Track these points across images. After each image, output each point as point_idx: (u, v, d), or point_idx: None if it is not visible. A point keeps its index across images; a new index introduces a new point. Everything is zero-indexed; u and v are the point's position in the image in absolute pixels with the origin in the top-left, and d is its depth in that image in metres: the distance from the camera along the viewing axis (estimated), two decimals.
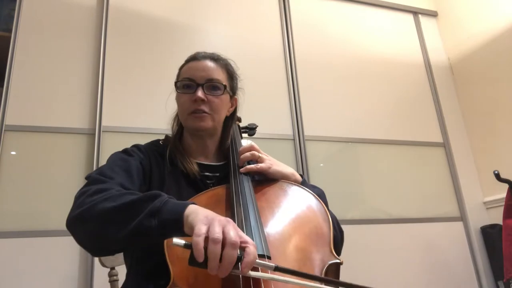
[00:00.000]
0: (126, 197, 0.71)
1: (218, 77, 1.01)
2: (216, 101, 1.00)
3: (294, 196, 0.91)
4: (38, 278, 1.69)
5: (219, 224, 0.58)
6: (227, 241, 0.56)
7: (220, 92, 1.01)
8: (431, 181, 2.56)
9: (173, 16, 2.35)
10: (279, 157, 1.05)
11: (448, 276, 2.33)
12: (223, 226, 0.58)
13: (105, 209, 0.69)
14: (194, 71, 1.01)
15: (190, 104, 0.99)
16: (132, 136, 2.03)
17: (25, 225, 1.77)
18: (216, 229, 0.57)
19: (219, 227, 0.58)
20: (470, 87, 2.80)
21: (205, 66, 1.01)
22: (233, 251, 0.56)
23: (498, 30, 2.60)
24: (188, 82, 1.00)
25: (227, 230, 0.58)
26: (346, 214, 2.28)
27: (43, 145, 1.91)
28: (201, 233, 0.56)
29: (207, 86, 0.99)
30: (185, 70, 1.04)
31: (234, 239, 0.56)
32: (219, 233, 0.56)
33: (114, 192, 0.74)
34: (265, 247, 0.70)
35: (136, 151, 0.99)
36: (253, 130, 1.26)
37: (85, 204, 0.73)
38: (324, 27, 2.71)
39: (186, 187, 0.96)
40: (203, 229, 0.57)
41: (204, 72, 1.00)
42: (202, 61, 1.02)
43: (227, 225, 0.59)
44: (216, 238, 0.56)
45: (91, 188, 0.77)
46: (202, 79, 0.99)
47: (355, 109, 2.56)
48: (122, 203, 0.69)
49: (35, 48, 2.04)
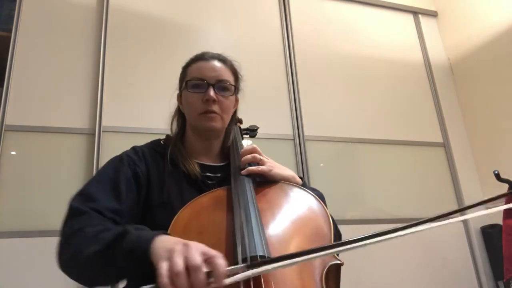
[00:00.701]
0: (100, 241, 0.72)
1: (228, 78, 1.02)
2: (226, 102, 1.00)
3: (294, 197, 0.91)
4: (38, 278, 1.69)
5: (179, 254, 0.58)
6: (189, 267, 0.57)
7: (230, 93, 1.01)
8: (431, 181, 2.56)
9: (173, 16, 2.35)
10: (279, 157, 1.05)
11: (448, 276, 2.33)
12: (183, 253, 0.59)
13: (84, 258, 0.72)
14: (204, 70, 1.00)
15: (201, 104, 0.98)
16: (132, 136, 2.03)
17: (25, 225, 1.77)
18: (176, 260, 0.57)
19: (179, 256, 0.58)
20: (470, 87, 2.80)
21: (214, 66, 1.01)
22: (198, 274, 0.56)
23: (498, 30, 2.60)
24: (199, 82, 0.99)
25: (188, 255, 0.58)
26: (346, 214, 2.28)
27: (43, 145, 1.91)
28: (163, 273, 0.57)
29: (218, 86, 0.99)
30: (193, 70, 1.02)
31: (194, 263, 0.56)
32: (180, 263, 0.57)
33: (89, 233, 0.75)
34: (266, 248, 0.70)
35: (132, 156, 0.97)
36: (254, 132, 1.27)
37: (68, 250, 0.77)
38: (324, 27, 2.71)
39: (188, 188, 0.96)
40: (164, 266, 0.57)
41: (214, 72, 1.00)
42: (211, 61, 1.02)
43: (188, 249, 0.59)
44: (177, 271, 0.56)
45: (72, 225, 0.79)
46: (212, 79, 0.99)
47: (355, 109, 2.56)
48: (97, 250, 0.71)
49: (35, 48, 2.03)
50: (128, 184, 0.91)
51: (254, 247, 0.69)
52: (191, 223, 0.82)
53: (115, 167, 0.93)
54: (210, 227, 0.81)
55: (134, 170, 0.94)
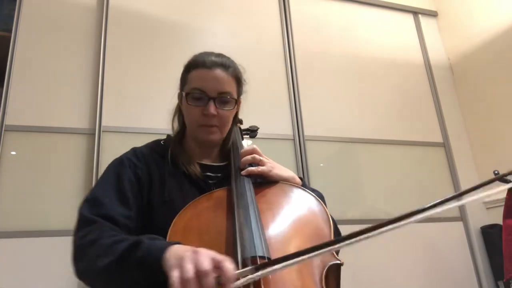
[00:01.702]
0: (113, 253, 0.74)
1: (230, 90, 0.98)
2: (226, 114, 0.99)
3: (294, 197, 0.91)
4: (38, 278, 1.69)
5: (189, 260, 0.60)
6: (199, 273, 0.59)
7: (231, 107, 0.99)
8: (431, 181, 2.56)
9: (173, 16, 2.35)
10: (279, 157, 1.06)
11: (448, 276, 2.33)
12: (193, 259, 0.60)
13: (99, 269, 0.74)
14: (205, 82, 0.96)
15: (200, 117, 0.97)
16: (132, 136, 2.03)
17: (25, 225, 1.77)
18: (186, 267, 0.59)
19: (189, 263, 0.60)
20: (470, 87, 2.80)
21: (216, 77, 0.97)
22: (207, 279, 0.58)
23: (498, 30, 2.60)
24: (200, 95, 0.97)
25: (197, 262, 0.60)
26: (346, 214, 2.28)
27: (43, 145, 1.91)
28: (175, 280, 0.59)
29: (219, 100, 0.97)
30: (194, 79, 0.98)
31: (204, 268, 0.58)
32: (190, 270, 0.59)
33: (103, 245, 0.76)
34: (266, 248, 0.70)
35: (132, 159, 0.97)
36: (254, 132, 1.27)
37: (82, 261, 0.79)
38: (324, 27, 2.71)
39: (189, 187, 0.96)
40: (176, 274, 0.59)
41: (216, 84, 0.96)
42: (213, 70, 0.97)
43: (197, 256, 0.61)
44: (188, 278, 0.58)
45: (84, 236, 0.80)
46: (213, 92, 0.96)
47: (355, 109, 2.56)
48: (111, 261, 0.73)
49: (35, 48, 2.03)
50: (132, 187, 0.92)
51: (254, 247, 0.69)
52: (191, 224, 0.82)
53: (118, 171, 0.94)
54: (210, 227, 0.81)
55: (135, 172, 0.94)
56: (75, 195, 1.85)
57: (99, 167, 1.90)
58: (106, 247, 0.75)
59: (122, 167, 0.95)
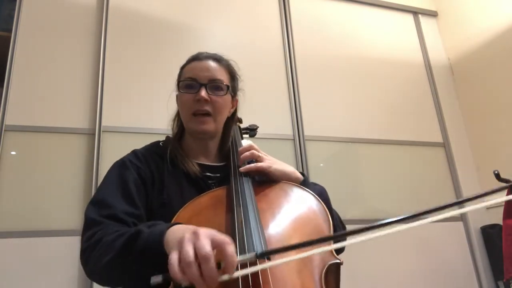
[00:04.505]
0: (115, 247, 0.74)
1: (221, 77, 1.01)
2: (219, 101, 1.00)
3: (294, 197, 0.90)
4: (38, 278, 1.69)
5: (188, 242, 0.58)
6: (200, 257, 0.56)
7: (223, 93, 1.01)
8: (431, 181, 2.56)
9: (173, 16, 2.35)
10: (279, 157, 1.05)
11: (448, 276, 2.33)
12: (193, 241, 0.58)
13: (105, 267, 0.75)
14: (196, 71, 1.00)
15: (193, 104, 0.98)
16: (132, 136, 2.03)
17: (25, 225, 1.77)
18: (186, 250, 0.57)
19: (189, 245, 0.57)
20: (470, 87, 2.80)
21: (208, 66, 1.01)
22: (208, 264, 0.56)
23: (498, 30, 2.60)
24: (191, 82, 1.00)
25: (198, 245, 0.57)
26: (346, 214, 2.28)
27: (43, 145, 1.91)
28: (174, 263, 0.56)
29: (210, 86, 0.99)
30: (187, 70, 1.03)
31: (204, 253, 0.56)
32: (189, 253, 0.56)
33: (106, 242, 0.77)
34: (265, 248, 0.70)
35: (134, 161, 0.97)
36: (254, 131, 1.26)
37: (90, 262, 0.80)
38: (324, 27, 2.71)
39: (188, 187, 0.96)
40: (175, 256, 0.57)
41: (207, 72, 1.00)
42: (205, 61, 1.02)
43: (197, 238, 0.58)
44: (188, 261, 0.56)
45: (90, 238, 0.81)
46: (205, 79, 0.99)
47: (355, 109, 2.56)
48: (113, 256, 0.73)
49: (35, 48, 2.04)
50: (138, 187, 0.92)
51: (253, 247, 0.69)
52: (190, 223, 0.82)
53: (121, 173, 0.94)
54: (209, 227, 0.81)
55: (138, 173, 0.95)
56: (75, 195, 1.86)
57: (99, 167, 1.90)
58: (108, 243, 0.75)
59: (125, 169, 0.95)
